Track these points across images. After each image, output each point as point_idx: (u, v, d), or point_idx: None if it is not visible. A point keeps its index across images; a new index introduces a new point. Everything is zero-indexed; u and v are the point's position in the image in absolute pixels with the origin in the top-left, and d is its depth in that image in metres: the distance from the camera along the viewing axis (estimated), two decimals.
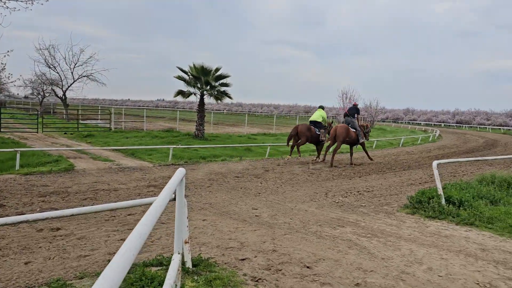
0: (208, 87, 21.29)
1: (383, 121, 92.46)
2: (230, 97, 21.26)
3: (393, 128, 56.82)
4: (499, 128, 64.32)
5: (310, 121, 14.25)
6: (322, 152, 14.82)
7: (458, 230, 6.15)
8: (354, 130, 14.04)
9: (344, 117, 14.56)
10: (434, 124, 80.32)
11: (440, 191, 7.29)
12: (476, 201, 7.31)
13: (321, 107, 14.71)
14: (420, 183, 10.50)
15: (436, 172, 7.55)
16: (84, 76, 31.28)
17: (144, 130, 24.59)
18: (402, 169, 13.42)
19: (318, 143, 14.39)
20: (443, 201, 7.14)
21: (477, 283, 4.22)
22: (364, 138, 14.33)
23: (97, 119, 32.88)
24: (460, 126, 72.53)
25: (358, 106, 14.62)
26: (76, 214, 3.53)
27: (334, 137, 13.55)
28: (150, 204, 2.91)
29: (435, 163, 7.60)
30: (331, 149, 14.01)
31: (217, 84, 21.29)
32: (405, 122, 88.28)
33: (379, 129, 47.50)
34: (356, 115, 14.34)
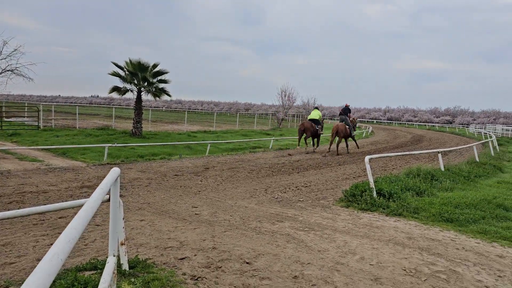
0: (146, 84, 20.69)
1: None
2: (168, 94, 20.82)
3: (330, 125, 58.69)
4: (425, 125, 69.15)
5: (309, 119, 18.20)
6: (315, 143, 19.22)
7: (388, 221, 6.54)
8: (348, 126, 17.63)
9: (339, 115, 18.28)
10: (367, 121, 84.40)
11: (372, 185, 7.70)
12: (403, 193, 7.81)
13: (317, 108, 19.16)
14: (354, 177, 11.00)
15: (368, 167, 7.96)
16: (8, 71, 29.05)
17: (77, 128, 23.37)
18: (338, 164, 13.97)
19: (317, 136, 18.34)
20: (374, 194, 7.54)
21: (404, 269, 4.51)
22: (353, 130, 18.19)
23: (24, 117, 30.66)
24: (390, 122, 76.84)
25: (350, 107, 18.16)
26: (0, 218, 3.28)
27: (336, 133, 17.31)
28: (82, 206, 2.78)
29: (367, 158, 8.00)
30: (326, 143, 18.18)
31: (155, 80, 20.76)
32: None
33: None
34: (348, 114, 18.08)
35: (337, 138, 17.54)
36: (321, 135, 18.82)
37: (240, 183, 9.66)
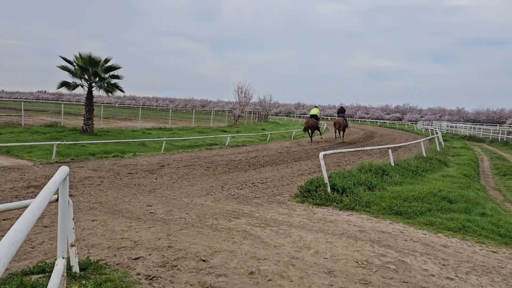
0: (97, 79, 19.97)
1: (277, 115, 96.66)
2: (121, 90, 20.23)
3: (286, 122, 59.86)
4: (376, 121, 71.70)
5: (311, 115, 23.74)
6: (316, 134, 27.14)
7: (341, 215, 6.74)
8: (345, 121, 23.92)
9: (337, 113, 24.95)
10: (322, 118, 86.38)
11: (326, 180, 7.89)
12: (356, 188, 8.07)
13: (316, 107, 24.79)
14: (309, 173, 11.22)
15: (322, 163, 8.15)
16: None
17: (22, 125, 22.19)
18: (294, 160, 14.21)
19: (317, 129, 24.25)
20: (328, 189, 7.74)
21: (356, 261, 4.68)
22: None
23: None
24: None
25: (344, 106, 26.86)
26: None
27: (339, 125, 23.64)
28: (28, 206, 2.65)
29: (321, 154, 8.19)
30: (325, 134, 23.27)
31: (107, 75, 20.08)
32: (297, 116, 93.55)
33: (273, 123, 49.58)
34: (344, 112, 25.16)
35: (337, 130, 24.36)
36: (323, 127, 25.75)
37: (196, 181, 9.59)
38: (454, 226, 6.18)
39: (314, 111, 24.25)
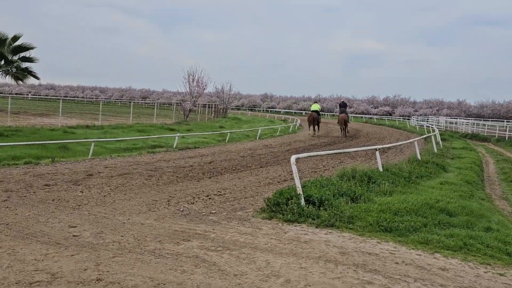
0: (3, 62, 19.33)
1: (238, 109, 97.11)
2: (36, 77, 19.71)
3: (250, 118, 60.14)
4: (361, 117, 73.49)
5: (313, 110, 29.89)
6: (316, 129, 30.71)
7: (318, 234, 6.83)
8: (347, 116, 29.89)
9: (340, 108, 30.79)
10: (295, 113, 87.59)
11: (299, 190, 7.98)
12: (336, 200, 8.21)
13: (316, 102, 31.90)
14: (279, 182, 11.33)
15: (294, 168, 8.23)
16: None
17: None
18: (259, 166, 14.30)
19: (318, 123, 30.04)
20: (302, 202, 7.82)
21: None
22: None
23: None
24: (322, 114, 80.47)
25: (345, 100, 39.56)
26: None
27: (344, 121, 29.36)
28: None
29: (293, 157, 8.28)
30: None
31: (16, 58, 19.48)
32: (263, 110, 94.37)
33: (233, 119, 49.71)
34: (346, 107, 30.76)
35: (341, 127, 30.11)
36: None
37: (135, 193, 9.45)
38: (454, 244, 6.40)
39: (316, 107, 30.42)
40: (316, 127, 30.30)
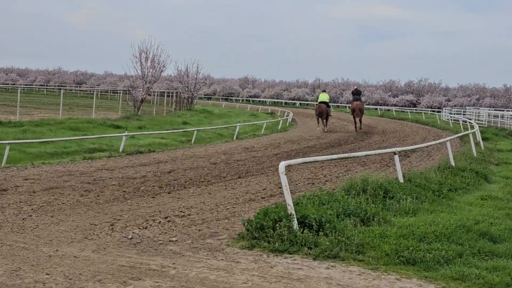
0: None
1: (209, 98, 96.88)
2: None
3: (224, 110, 60.06)
4: (376, 108, 73.71)
5: (321, 102, 32.62)
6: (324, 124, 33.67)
7: (316, 268, 6.83)
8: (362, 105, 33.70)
9: (353, 95, 34.56)
10: (286, 103, 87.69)
11: (291, 209, 7.96)
12: (341, 221, 8.21)
13: (324, 91, 36.00)
14: (263, 198, 11.36)
15: (284, 179, 8.21)
16: None
17: None
18: (237, 176, 14.31)
19: (328, 117, 32.81)
20: (295, 225, 7.81)
21: None
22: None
23: None
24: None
25: (358, 86, 42.92)
26: None
27: (360, 110, 32.24)
28: None
29: (282, 164, 8.26)
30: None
31: None
32: (243, 100, 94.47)
33: (202, 112, 49.65)
34: (360, 95, 34.67)
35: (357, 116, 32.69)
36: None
37: (66, 215, 9.36)
38: (500, 280, 6.44)
39: (324, 97, 33.51)
40: (325, 121, 33.16)
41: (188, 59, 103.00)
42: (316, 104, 36.69)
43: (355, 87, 38.20)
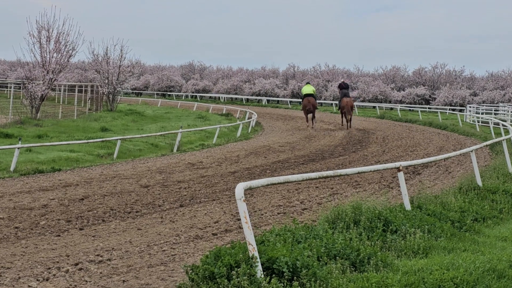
0: None
1: (138, 94, 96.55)
2: None
3: (161, 110, 59.51)
4: (373, 107, 74.16)
5: (307, 94, 40.27)
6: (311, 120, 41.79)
7: None
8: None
9: (341, 89, 42.36)
10: (248, 100, 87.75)
11: (253, 250, 7.95)
12: (324, 266, 8.21)
13: (309, 83, 44.56)
14: (215, 234, 11.39)
15: (243, 208, 8.20)
16: None
17: None
18: (179, 204, 14.33)
19: (314, 111, 41.25)
20: (259, 272, 7.79)
21: None
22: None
23: None
24: (297, 103, 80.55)
25: (345, 80, 54.20)
26: None
27: (351, 108, 41.70)
28: None
29: (241, 187, 8.24)
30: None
31: None
32: (187, 96, 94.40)
33: (129, 113, 49.27)
34: (348, 89, 44.13)
35: (345, 116, 39.79)
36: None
37: None
38: None
39: (309, 89, 40.82)
40: (313, 118, 38.80)
41: (108, 38, 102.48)
42: (303, 98, 41.72)
43: (342, 80, 44.21)
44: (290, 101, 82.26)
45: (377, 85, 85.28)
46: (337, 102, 52.88)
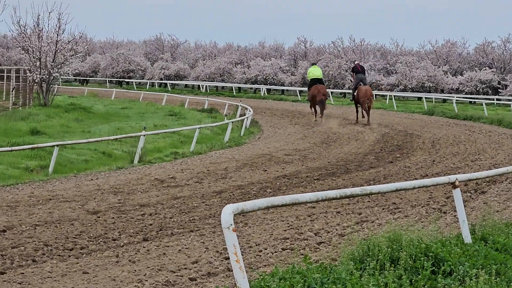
0: None
1: (84, 82, 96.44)
2: None
3: (115, 105, 59.46)
4: (418, 98, 74.25)
5: (315, 79, 48.41)
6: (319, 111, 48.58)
7: None
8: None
9: (355, 74, 49.54)
10: (240, 89, 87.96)
11: None
12: None
13: (315, 64, 58.24)
14: (193, 280, 11.39)
15: (231, 240, 8.24)
16: None
17: None
18: (142, 237, 14.35)
19: (325, 102, 50.18)
20: None
21: None
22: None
23: None
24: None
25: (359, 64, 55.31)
26: None
27: (370, 97, 48.33)
28: None
29: (229, 210, 8.29)
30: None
31: None
32: (153, 84, 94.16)
33: (71, 109, 49.40)
34: (365, 73, 57.04)
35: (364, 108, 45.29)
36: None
37: None
38: None
39: (318, 72, 47.56)
40: (322, 110, 42.16)
41: (41, 2, 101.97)
42: (311, 86, 45.74)
43: (357, 62, 48.72)
44: (300, 91, 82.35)
45: (424, 67, 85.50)
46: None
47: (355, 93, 45.97)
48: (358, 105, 45.94)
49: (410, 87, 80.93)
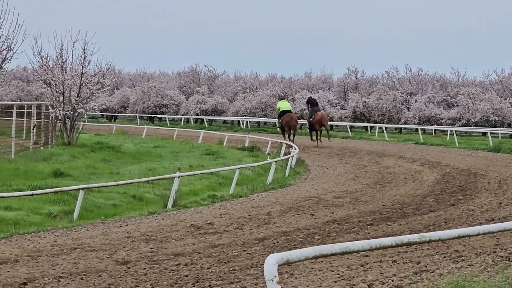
0: None
1: (112, 118, 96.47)
2: None
3: (147, 144, 60.03)
4: (482, 134, 73.97)
5: (286, 111, 68.74)
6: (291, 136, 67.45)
7: None
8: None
9: (311, 107, 71.86)
10: (237, 122, 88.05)
11: None
12: None
13: (283, 98, 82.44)
14: None
15: None
16: None
17: None
18: None
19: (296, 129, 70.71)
20: None
21: None
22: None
23: None
24: (362, 132, 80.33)
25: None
26: None
27: (324, 123, 71.07)
28: None
29: (272, 261, 8.28)
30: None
31: None
32: (188, 120, 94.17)
33: (97, 148, 49.69)
34: (318, 106, 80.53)
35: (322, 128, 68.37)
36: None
37: None
38: None
39: (287, 105, 65.11)
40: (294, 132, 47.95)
41: (64, 31, 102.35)
42: (282, 115, 55.20)
43: (310, 96, 58.67)
44: (351, 127, 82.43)
45: (489, 99, 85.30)
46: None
47: (311, 118, 56.92)
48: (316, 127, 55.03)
49: (474, 121, 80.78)
